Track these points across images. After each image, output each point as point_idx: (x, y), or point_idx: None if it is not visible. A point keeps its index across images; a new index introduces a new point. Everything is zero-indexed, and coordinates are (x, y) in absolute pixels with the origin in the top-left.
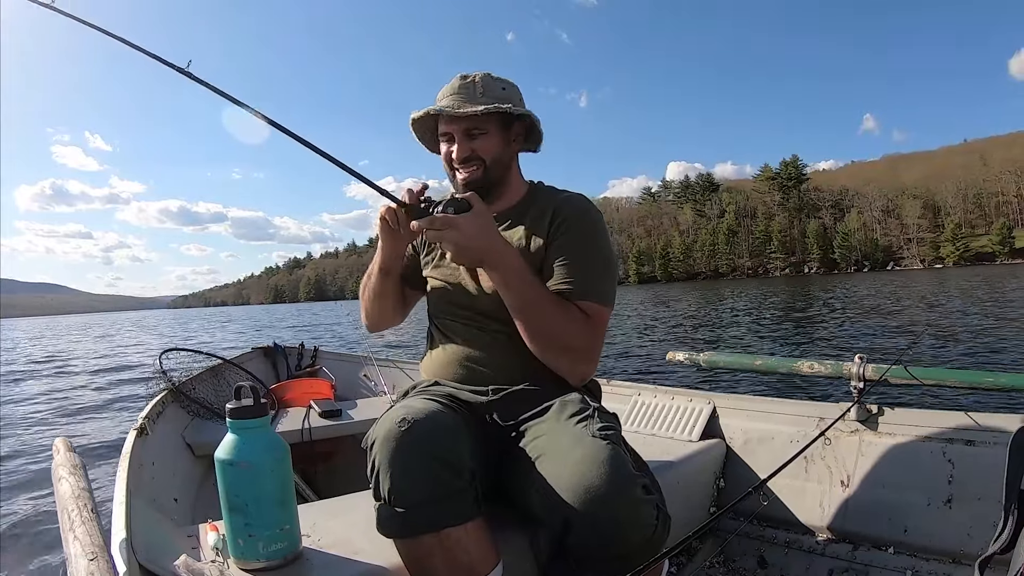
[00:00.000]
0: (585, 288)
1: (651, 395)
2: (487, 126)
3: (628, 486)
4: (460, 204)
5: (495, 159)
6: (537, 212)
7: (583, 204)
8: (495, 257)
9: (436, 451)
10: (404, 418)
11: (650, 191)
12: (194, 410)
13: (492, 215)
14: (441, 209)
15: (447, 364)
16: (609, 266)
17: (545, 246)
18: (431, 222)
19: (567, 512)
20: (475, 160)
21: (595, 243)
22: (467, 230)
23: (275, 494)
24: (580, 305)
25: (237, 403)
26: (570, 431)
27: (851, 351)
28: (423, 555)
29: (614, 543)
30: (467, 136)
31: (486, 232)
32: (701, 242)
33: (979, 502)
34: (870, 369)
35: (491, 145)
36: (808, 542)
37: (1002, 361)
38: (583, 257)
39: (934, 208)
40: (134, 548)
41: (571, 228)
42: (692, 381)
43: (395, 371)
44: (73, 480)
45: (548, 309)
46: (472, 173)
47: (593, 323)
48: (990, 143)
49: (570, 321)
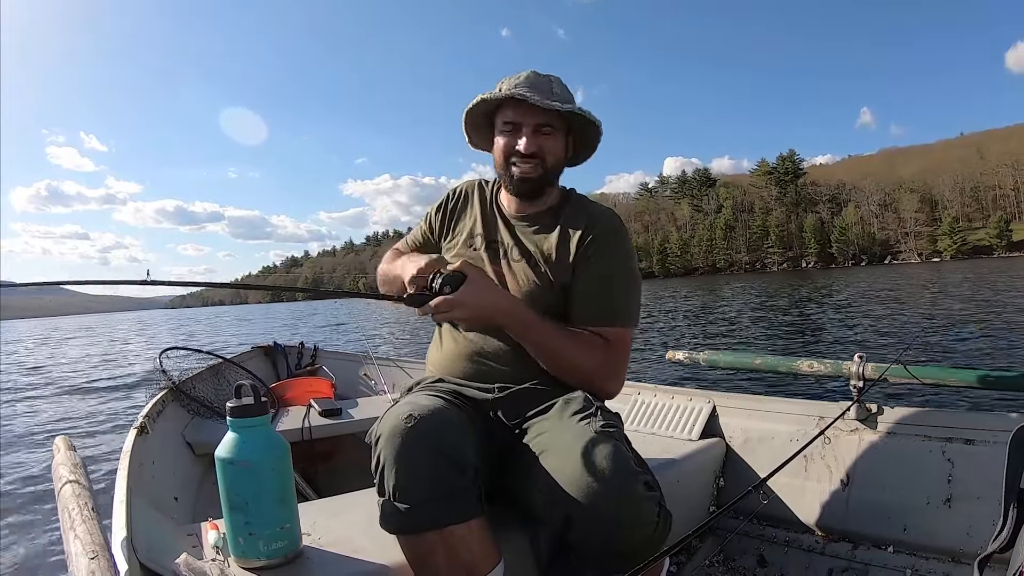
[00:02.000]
0: (611, 316)
1: (651, 394)
2: (557, 126)
3: (630, 482)
4: (455, 279)
5: (555, 162)
6: (569, 221)
7: (615, 223)
8: (504, 315)
9: (441, 448)
10: (410, 414)
11: (647, 186)
12: (194, 409)
13: (488, 277)
14: (438, 288)
15: (455, 360)
16: (634, 285)
17: (574, 260)
18: (434, 308)
19: (569, 508)
20: (538, 158)
21: (623, 265)
22: (470, 302)
23: (275, 493)
24: (604, 332)
25: (237, 402)
26: (573, 428)
27: (849, 349)
28: (426, 552)
29: (616, 539)
30: (537, 131)
31: (488, 297)
32: (698, 237)
33: (978, 501)
34: (870, 368)
35: (556, 147)
36: (808, 541)
37: (1002, 360)
38: (611, 283)
39: (931, 202)
40: (135, 547)
41: (601, 250)
42: (692, 380)
43: (395, 370)
44: (73, 479)
45: (566, 348)
46: (533, 170)
47: (616, 347)
48: (987, 136)
49: (589, 352)
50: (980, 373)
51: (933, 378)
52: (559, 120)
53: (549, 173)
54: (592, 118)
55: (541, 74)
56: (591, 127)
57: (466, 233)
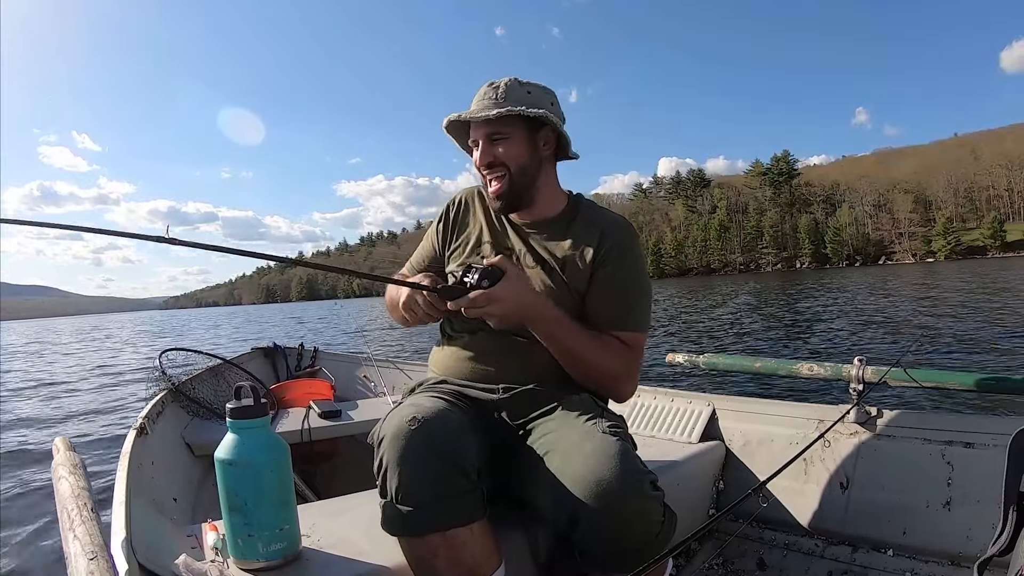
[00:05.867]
0: (627, 321)
1: (651, 397)
2: (509, 131)
3: (638, 480)
4: (494, 273)
5: (521, 166)
6: (582, 227)
7: (629, 231)
8: (536, 313)
9: (445, 450)
10: (414, 416)
11: (641, 187)
12: (194, 410)
13: (525, 275)
14: (475, 282)
15: (459, 360)
16: (647, 292)
17: (592, 267)
18: (472, 302)
19: (576, 506)
20: (499, 166)
21: (638, 274)
22: (508, 298)
23: (275, 494)
24: (621, 336)
25: (237, 403)
26: (580, 427)
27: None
28: (427, 555)
29: (622, 537)
30: (490, 141)
31: (525, 295)
32: (693, 238)
33: (978, 504)
34: (869, 371)
35: (515, 150)
36: (807, 544)
37: (1001, 363)
38: (627, 290)
39: (925, 202)
40: (134, 548)
41: (618, 258)
42: (691, 383)
43: (394, 372)
44: (73, 479)
45: (589, 349)
46: (499, 181)
47: (632, 350)
48: (981, 137)
49: (611, 354)
50: (980, 376)
51: (933, 381)
52: (511, 123)
53: (516, 179)
54: (529, 113)
55: (495, 82)
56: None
57: (472, 241)
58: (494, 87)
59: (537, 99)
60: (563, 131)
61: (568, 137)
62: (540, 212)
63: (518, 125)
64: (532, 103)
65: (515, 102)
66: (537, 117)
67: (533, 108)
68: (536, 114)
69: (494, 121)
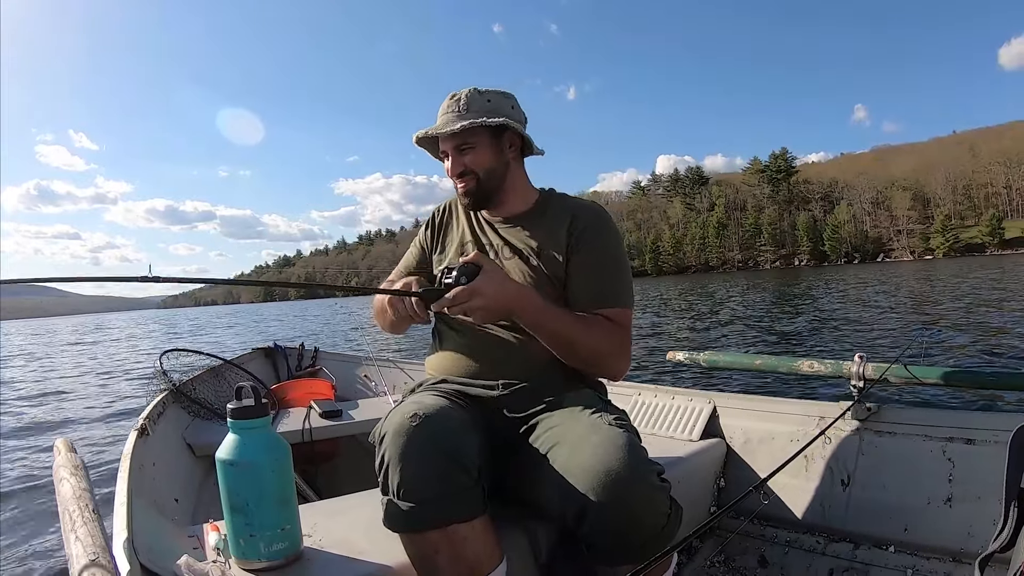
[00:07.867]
0: (609, 297)
1: (651, 395)
2: (474, 140)
3: (646, 471)
4: (470, 270)
5: (488, 170)
6: (553, 217)
7: (601, 212)
8: (518, 303)
9: (447, 447)
10: (416, 413)
11: (639, 185)
12: (194, 410)
13: (500, 267)
14: (453, 282)
15: (456, 360)
16: (626, 268)
17: (567, 252)
18: (452, 300)
19: (583, 499)
20: (469, 173)
21: (614, 250)
22: (488, 290)
23: (276, 494)
24: (606, 313)
25: (238, 403)
26: (585, 420)
27: (849, 348)
28: (429, 551)
29: (629, 529)
30: (458, 152)
31: (504, 285)
32: (691, 236)
33: (979, 501)
34: (870, 368)
35: (483, 158)
36: (808, 541)
37: (1002, 360)
38: (604, 267)
39: (924, 200)
40: (136, 548)
41: (591, 237)
42: (692, 380)
43: (395, 371)
44: (74, 481)
45: (577, 330)
46: (467, 184)
47: (620, 326)
48: (980, 134)
49: (599, 334)
50: (980, 373)
51: (933, 378)
52: (475, 132)
53: (485, 182)
54: (490, 123)
55: (456, 94)
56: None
57: (457, 243)
58: (456, 99)
59: (497, 106)
60: (525, 133)
61: (530, 137)
62: (512, 208)
63: (482, 134)
64: (492, 111)
65: (476, 112)
66: (499, 124)
67: (494, 116)
68: (497, 122)
69: (459, 133)
